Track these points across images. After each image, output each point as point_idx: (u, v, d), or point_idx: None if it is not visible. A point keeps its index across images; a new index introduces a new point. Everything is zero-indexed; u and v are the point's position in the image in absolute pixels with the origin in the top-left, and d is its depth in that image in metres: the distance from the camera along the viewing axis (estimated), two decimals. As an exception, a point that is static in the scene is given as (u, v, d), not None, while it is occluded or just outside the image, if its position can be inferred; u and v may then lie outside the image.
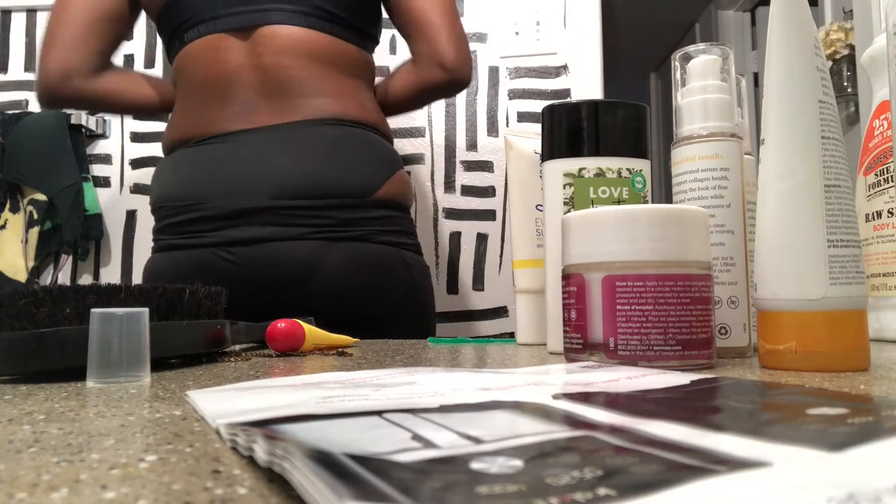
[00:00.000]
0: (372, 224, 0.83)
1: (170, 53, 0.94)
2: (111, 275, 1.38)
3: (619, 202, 0.47)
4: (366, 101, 0.90)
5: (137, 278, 1.37)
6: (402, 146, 1.35)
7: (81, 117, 1.35)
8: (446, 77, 0.88)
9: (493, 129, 1.34)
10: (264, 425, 0.17)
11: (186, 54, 0.88)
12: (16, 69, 1.42)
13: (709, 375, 0.28)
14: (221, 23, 0.86)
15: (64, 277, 1.37)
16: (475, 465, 0.13)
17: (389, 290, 0.85)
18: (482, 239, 1.32)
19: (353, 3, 0.90)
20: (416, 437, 0.16)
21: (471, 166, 1.34)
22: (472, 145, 1.34)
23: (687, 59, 0.46)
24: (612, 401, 0.21)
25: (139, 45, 1.40)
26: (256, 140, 0.82)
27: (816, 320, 0.34)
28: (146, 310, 0.34)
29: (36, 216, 1.32)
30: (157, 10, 0.92)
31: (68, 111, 1.37)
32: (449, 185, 1.33)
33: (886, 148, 0.59)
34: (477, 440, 0.15)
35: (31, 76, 1.42)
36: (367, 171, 0.84)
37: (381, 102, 0.94)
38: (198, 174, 0.83)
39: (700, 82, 0.45)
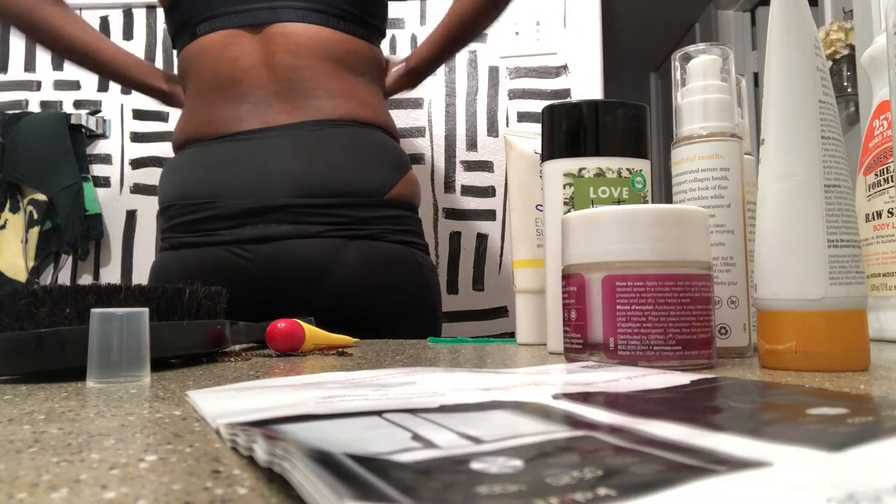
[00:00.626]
0: (386, 223, 0.83)
1: (176, 44, 0.93)
2: (111, 275, 1.38)
3: (619, 202, 0.47)
4: (375, 101, 0.91)
5: (137, 278, 1.37)
6: (403, 146, 1.35)
7: (81, 117, 1.35)
8: None
9: (493, 129, 1.34)
10: (264, 425, 0.17)
11: (197, 48, 0.88)
12: (16, 69, 1.42)
13: (709, 375, 0.28)
14: (235, 19, 0.86)
15: (64, 277, 1.37)
16: (475, 465, 0.13)
17: (403, 289, 0.85)
18: (482, 239, 1.32)
19: None
20: (416, 437, 0.16)
21: (471, 166, 1.34)
22: (472, 145, 1.34)
23: (687, 59, 0.46)
24: (612, 401, 0.21)
25: (139, 45, 1.40)
26: (271, 139, 0.83)
27: (816, 320, 0.34)
28: (146, 310, 0.34)
29: (36, 216, 1.32)
30: None
31: (69, 111, 1.37)
32: (449, 185, 1.33)
33: (886, 148, 0.59)
34: (477, 440, 0.15)
35: (31, 76, 1.42)
36: (381, 171, 0.84)
37: (449, 36, 0.93)
38: (211, 172, 0.83)
39: (700, 82, 0.45)
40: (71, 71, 1.41)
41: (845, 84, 1.56)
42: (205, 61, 0.87)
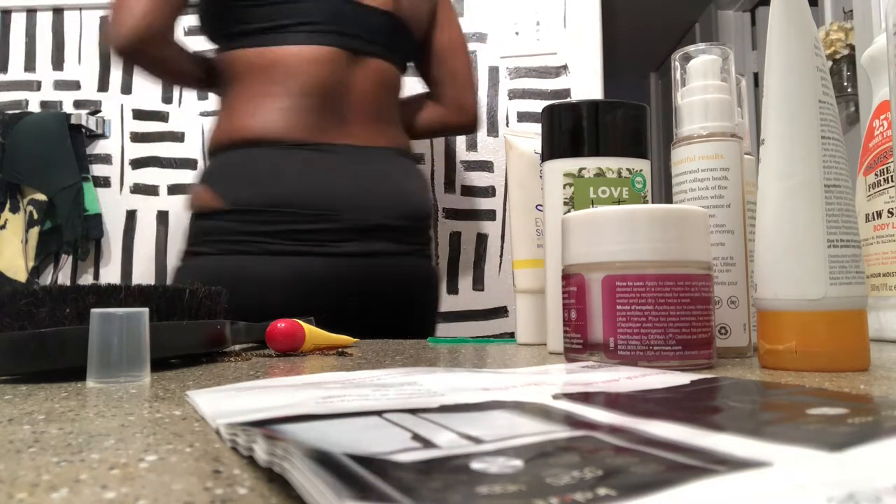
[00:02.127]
0: (427, 243, 0.96)
1: (243, 39, 0.90)
2: (111, 275, 1.38)
3: (619, 202, 0.47)
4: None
5: (137, 278, 1.36)
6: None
7: (81, 117, 1.35)
8: (466, 121, 1.07)
9: (493, 129, 1.34)
10: (264, 425, 0.17)
11: (286, 54, 0.88)
12: (16, 69, 1.42)
13: (709, 375, 0.28)
14: (332, 38, 0.89)
15: (64, 277, 1.37)
16: (475, 465, 0.13)
17: (434, 302, 0.98)
18: (482, 239, 1.32)
19: (414, 44, 1.01)
20: (416, 437, 0.16)
21: (471, 166, 1.34)
22: (472, 145, 1.34)
23: (687, 59, 0.46)
24: (612, 401, 0.21)
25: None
26: (372, 157, 0.89)
27: (816, 320, 0.34)
28: (146, 310, 0.34)
29: (36, 216, 1.32)
30: None
31: (69, 111, 1.37)
32: (449, 185, 1.33)
33: (886, 148, 0.59)
34: (477, 440, 0.15)
35: (31, 76, 1.42)
36: (428, 196, 0.96)
37: (405, 126, 1.04)
38: (327, 184, 0.85)
39: (700, 82, 0.45)
40: (71, 71, 1.41)
41: (845, 84, 1.56)
42: (295, 67, 0.87)
